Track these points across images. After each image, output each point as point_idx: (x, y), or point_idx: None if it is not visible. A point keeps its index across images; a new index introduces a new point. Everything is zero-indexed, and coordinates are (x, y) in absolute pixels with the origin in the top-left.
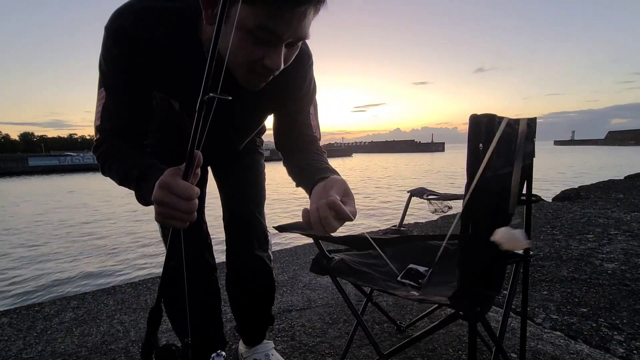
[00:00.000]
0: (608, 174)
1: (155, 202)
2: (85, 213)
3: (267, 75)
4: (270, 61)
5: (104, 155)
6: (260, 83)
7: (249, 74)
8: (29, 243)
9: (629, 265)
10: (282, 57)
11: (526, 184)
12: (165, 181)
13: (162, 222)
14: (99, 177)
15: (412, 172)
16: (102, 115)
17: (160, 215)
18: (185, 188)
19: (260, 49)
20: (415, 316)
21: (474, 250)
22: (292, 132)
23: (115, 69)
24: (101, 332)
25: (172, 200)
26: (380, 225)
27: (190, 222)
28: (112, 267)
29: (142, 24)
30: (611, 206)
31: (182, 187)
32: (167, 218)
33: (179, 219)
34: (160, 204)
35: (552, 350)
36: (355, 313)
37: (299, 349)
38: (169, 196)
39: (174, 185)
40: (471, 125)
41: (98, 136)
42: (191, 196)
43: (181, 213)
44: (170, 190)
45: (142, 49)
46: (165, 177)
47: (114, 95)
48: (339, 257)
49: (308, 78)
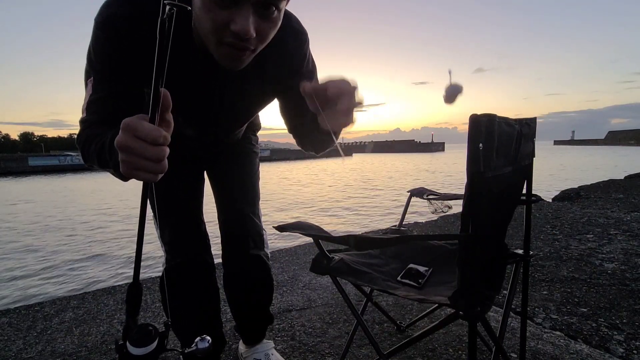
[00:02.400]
0: (608, 174)
1: (118, 147)
2: (85, 213)
3: (240, 47)
4: (236, 25)
5: (83, 140)
6: (236, 58)
7: (221, 47)
8: (28, 243)
9: (629, 265)
10: (250, 21)
11: (526, 184)
12: (128, 123)
13: (129, 173)
14: (99, 178)
15: (412, 171)
16: (87, 108)
17: (125, 164)
18: (151, 130)
19: (225, 11)
20: (415, 316)
21: (474, 250)
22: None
23: (104, 58)
24: (101, 332)
25: (136, 144)
26: (381, 225)
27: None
28: (112, 267)
29: (131, 13)
30: (611, 206)
31: (147, 130)
32: (134, 168)
33: (146, 169)
34: (123, 149)
35: (552, 350)
36: (355, 313)
37: (299, 348)
38: (133, 140)
39: (138, 127)
40: (471, 125)
41: (81, 127)
42: (157, 139)
43: (147, 161)
44: (134, 134)
45: (131, 38)
46: (128, 120)
47: (101, 85)
48: (339, 257)
49: (306, 55)
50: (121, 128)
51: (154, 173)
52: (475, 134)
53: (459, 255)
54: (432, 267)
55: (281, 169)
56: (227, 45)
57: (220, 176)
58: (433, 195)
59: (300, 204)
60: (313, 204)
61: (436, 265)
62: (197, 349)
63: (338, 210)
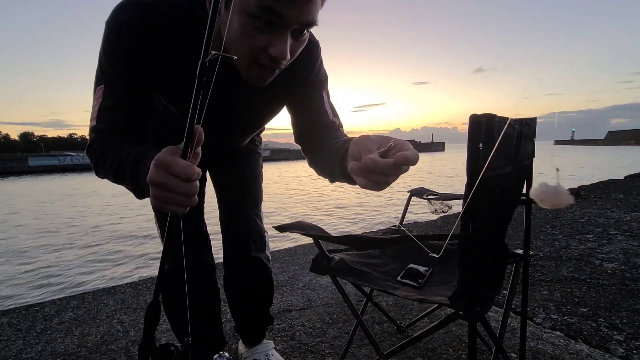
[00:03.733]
0: (608, 174)
1: (151, 183)
2: (86, 213)
3: (273, 68)
4: (275, 50)
5: (98, 152)
6: (265, 78)
7: (254, 67)
8: (28, 242)
9: (629, 265)
10: (287, 45)
11: (526, 184)
12: (162, 159)
13: (160, 207)
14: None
15: (412, 171)
16: (98, 116)
17: (157, 199)
18: (185, 167)
19: (264, 36)
20: (415, 316)
21: (474, 250)
22: (308, 122)
23: (116, 64)
24: (101, 332)
25: (169, 181)
26: (381, 226)
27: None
28: (112, 267)
29: (145, 18)
30: (611, 206)
31: (181, 167)
32: (165, 203)
33: (177, 203)
34: (157, 185)
35: (552, 350)
36: (355, 313)
37: (298, 348)
38: (167, 176)
39: (172, 164)
40: (471, 125)
41: (92, 135)
42: (191, 177)
43: (180, 196)
44: (167, 170)
45: (144, 44)
46: (161, 155)
47: (113, 92)
48: (339, 257)
49: (316, 65)
50: (154, 164)
51: (184, 207)
52: (475, 134)
53: (459, 255)
54: (432, 267)
55: (281, 169)
56: (260, 66)
57: (223, 176)
58: (433, 195)
59: (300, 204)
60: (313, 204)
61: (436, 265)
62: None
63: (338, 210)
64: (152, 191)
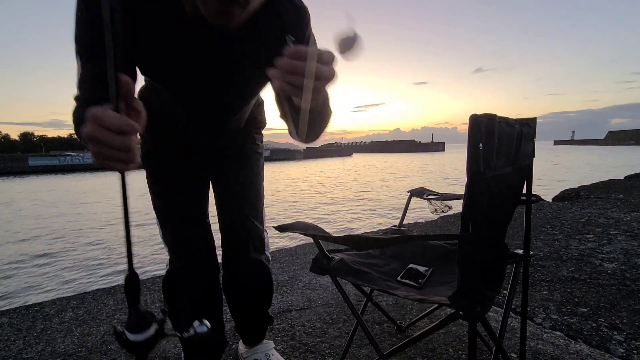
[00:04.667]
0: (608, 174)
1: (87, 139)
2: (85, 213)
3: None
4: None
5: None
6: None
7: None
8: (29, 242)
9: (629, 265)
10: None
11: (526, 184)
12: (94, 113)
13: (100, 163)
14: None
15: (412, 171)
16: (79, 85)
17: (95, 155)
18: (116, 119)
19: None
20: (415, 316)
21: (474, 250)
22: None
23: (90, 32)
24: (101, 332)
25: (103, 135)
26: (381, 226)
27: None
28: (112, 267)
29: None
30: (611, 206)
31: (112, 118)
32: (103, 159)
33: (116, 158)
34: (91, 139)
35: (552, 350)
36: (355, 313)
37: (299, 348)
38: (99, 130)
39: (103, 116)
40: (471, 125)
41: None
42: (123, 129)
43: (116, 151)
44: (99, 123)
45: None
46: (94, 110)
47: (89, 62)
48: (339, 257)
49: (304, 32)
50: (87, 119)
51: (124, 162)
52: (475, 134)
53: (459, 255)
54: (432, 267)
55: (281, 169)
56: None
57: (222, 176)
58: (433, 195)
59: (300, 204)
60: (313, 204)
61: (436, 265)
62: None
63: (338, 210)
64: (90, 147)
